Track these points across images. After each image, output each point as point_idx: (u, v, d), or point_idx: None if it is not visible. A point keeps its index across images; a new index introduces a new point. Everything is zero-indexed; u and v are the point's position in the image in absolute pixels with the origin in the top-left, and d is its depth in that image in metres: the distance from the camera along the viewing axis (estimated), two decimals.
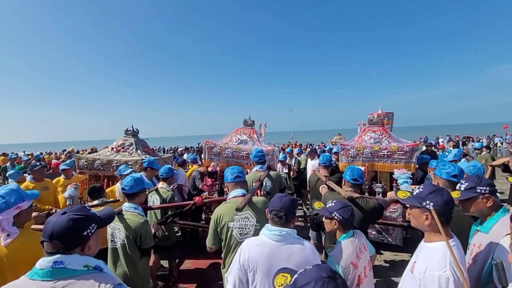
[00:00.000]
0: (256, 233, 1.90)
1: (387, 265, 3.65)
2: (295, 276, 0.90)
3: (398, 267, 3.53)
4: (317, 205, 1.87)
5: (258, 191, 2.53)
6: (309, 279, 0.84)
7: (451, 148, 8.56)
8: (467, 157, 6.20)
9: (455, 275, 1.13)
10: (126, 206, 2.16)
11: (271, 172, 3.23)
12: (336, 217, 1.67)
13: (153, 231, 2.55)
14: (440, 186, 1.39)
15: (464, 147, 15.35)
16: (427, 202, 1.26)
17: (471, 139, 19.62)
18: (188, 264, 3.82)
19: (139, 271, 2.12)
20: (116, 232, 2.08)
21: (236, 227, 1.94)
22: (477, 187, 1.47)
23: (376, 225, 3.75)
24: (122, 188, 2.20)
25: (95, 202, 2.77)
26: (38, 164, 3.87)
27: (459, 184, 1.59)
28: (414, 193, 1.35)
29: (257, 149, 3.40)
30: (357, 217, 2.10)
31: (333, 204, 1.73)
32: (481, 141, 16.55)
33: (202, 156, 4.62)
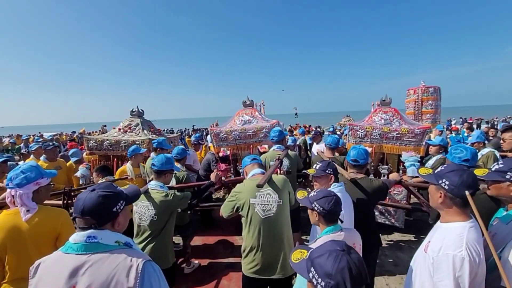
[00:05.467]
0: (279, 209, 1.95)
1: (394, 245, 3.70)
2: (311, 249, 0.94)
3: (405, 248, 3.59)
4: (300, 194, 1.63)
5: (278, 169, 2.57)
6: (323, 251, 0.86)
7: (465, 130, 8.28)
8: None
9: (471, 256, 1.11)
10: (152, 184, 2.17)
11: (290, 152, 3.29)
12: (316, 208, 1.46)
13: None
14: (464, 168, 1.33)
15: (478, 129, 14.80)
16: (443, 180, 1.24)
17: (482, 120, 18.91)
18: (198, 241, 3.98)
19: (168, 247, 2.17)
20: (144, 210, 2.09)
21: (258, 204, 1.95)
22: (508, 173, 1.35)
23: (379, 206, 3.75)
24: (152, 164, 2.23)
25: (102, 179, 2.88)
26: (51, 144, 4.03)
27: (494, 164, 1.49)
28: (436, 171, 1.33)
29: (274, 129, 3.47)
30: (362, 198, 2.12)
31: (315, 193, 1.52)
32: (504, 121, 15.73)
33: (209, 141, 4.64)
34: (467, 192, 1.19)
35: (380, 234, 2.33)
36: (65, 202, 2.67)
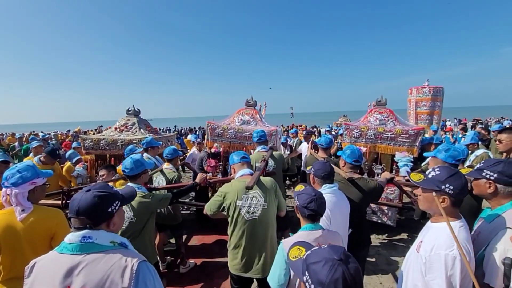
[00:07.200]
0: (264, 212, 1.96)
1: (388, 244, 3.73)
2: (308, 252, 0.92)
3: (399, 247, 3.62)
4: (298, 187, 1.66)
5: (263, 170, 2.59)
6: (320, 258, 0.84)
7: (459, 131, 8.38)
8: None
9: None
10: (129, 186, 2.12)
11: (274, 153, 3.33)
12: (296, 201, 1.52)
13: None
14: (456, 169, 1.36)
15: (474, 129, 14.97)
16: (447, 185, 1.23)
17: (479, 121, 19.14)
18: (195, 241, 3.99)
19: (148, 247, 2.15)
20: None
21: (244, 206, 1.96)
22: (485, 170, 1.40)
23: (372, 205, 3.78)
24: (123, 171, 2.15)
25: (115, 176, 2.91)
26: (57, 153, 4.04)
27: (478, 163, 1.53)
28: (430, 176, 1.32)
29: (257, 130, 3.49)
30: (357, 197, 2.14)
31: (303, 188, 1.56)
32: (498, 122, 16.07)
33: (205, 137, 4.65)
34: (434, 194, 1.23)
35: (374, 233, 2.37)
36: (63, 202, 2.66)
